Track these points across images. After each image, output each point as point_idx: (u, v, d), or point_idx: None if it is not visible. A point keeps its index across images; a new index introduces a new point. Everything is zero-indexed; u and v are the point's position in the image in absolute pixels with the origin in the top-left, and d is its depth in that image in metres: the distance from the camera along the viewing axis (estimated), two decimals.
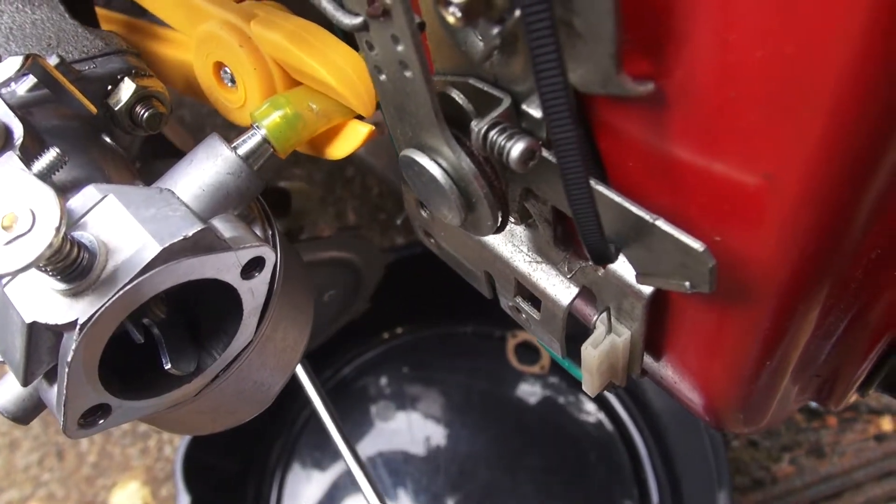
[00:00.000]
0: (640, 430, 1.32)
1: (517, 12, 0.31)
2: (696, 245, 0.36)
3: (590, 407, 1.35)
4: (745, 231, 0.36)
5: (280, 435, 1.36)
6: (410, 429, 1.36)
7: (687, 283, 0.38)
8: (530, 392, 1.39)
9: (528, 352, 1.41)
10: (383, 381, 1.41)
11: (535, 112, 0.39)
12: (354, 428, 1.36)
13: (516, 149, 0.38)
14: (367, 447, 1.33)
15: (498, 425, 1.35)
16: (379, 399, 1.39)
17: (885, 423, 1.37)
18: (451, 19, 0.32)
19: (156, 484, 1.43)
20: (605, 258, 0.39)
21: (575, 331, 0.55)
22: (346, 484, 1.31)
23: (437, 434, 1.34)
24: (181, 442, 1.15)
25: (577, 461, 1.31)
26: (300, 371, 0.85)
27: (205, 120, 1.68)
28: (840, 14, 0.26)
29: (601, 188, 0.38)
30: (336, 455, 1.33)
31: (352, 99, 0.51)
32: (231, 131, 0.52)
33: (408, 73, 0.38)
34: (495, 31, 0.34)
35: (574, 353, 0.58)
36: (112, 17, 0.65)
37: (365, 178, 1.68)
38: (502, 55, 0.39)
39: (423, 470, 1.31)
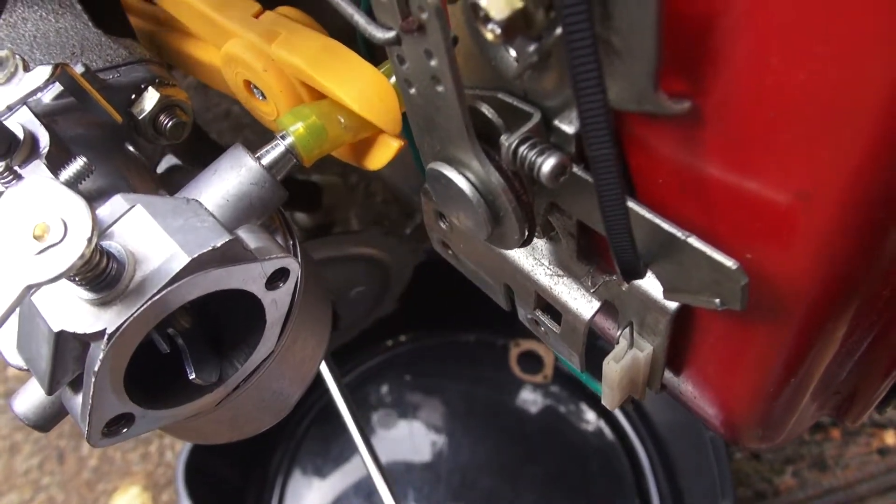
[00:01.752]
0: (643, 440, 1.32)
1: (558, 30, 0.32)
2: (729, 262, 0.36)
3: (592, 417, 1.35)
4: (776, 249, 0.36)
5: (281, 442, 1.35)
6: (412, 437, 1.35)
7: (717, 300, 0.38)
8: (532, 401, 1.39)
9: (531, 361, 1.40)
10: (385, 388, 1.41)
11: (568, 128, 0.39)
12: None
13: (548, 164, 0.38)
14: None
15: (500, 434, 1.35)
16: (381, 407, 1.39)
17: (889, 437, 1.37)
18: (489, 36, 0.32)
19: (156, 489, 1.42)
20: (634, 274, 0.39)
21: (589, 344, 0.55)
22: (347, 492, 1.30)
23: (438, 443, 1.34)
24: (183, 448, 1.14)
25: (579, 471, 1.30)
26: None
27: (209, 127, 1.68)
28: (885, 39, 0.26)
29: (632, 205, 0.38)
30: (337, 462, 1.33)
31: (377, 122, 0.51)
32: (238, 134, 0.52)
33: (439, 88, 0.38)
34: (532, 48, 0.34)
35: (591, 367, 0.58)
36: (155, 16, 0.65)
37: (369, 185, 1.68)
38: (534, 71, 0.39)
39: (424, 478, 1.31)
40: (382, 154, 0.54)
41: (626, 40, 0.31)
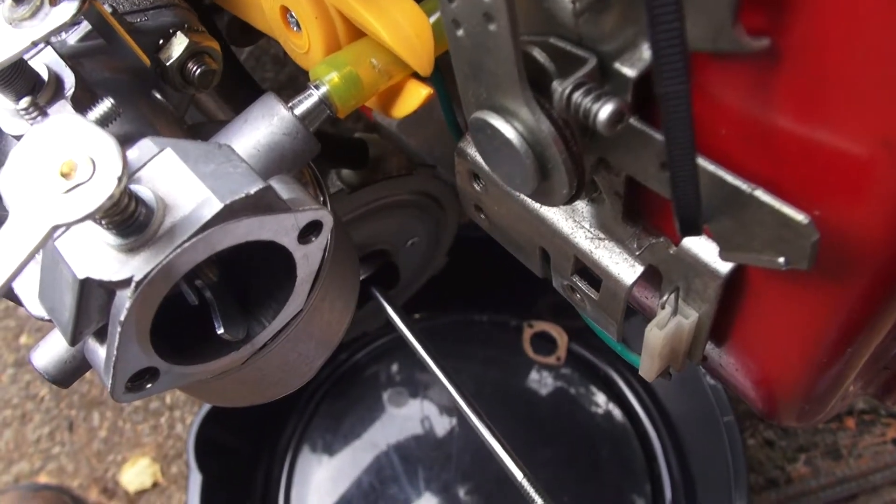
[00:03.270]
0: (655, 425, 1.30)
1: None
2: (800, 217, 0.33)
3: (604, 400, 1.34)
4: (849, 204, 0.34)
5: (292, 416, 1.34)
6: (423, 416, 1.34)
7: (781, 260, 0.36)
8: (544, 383, 1.37)
9: (544, 342, 1.39)
10: (396, 367, 1.39)
11: (629, 70, 0.37)
12: (367, 413, 1.34)
13: (605, 110, 0.36)
14: (379, 433, 1.32)
15: (511, 416, 1.33)
16: (391, 385, 1.37)
17: None
18: None
19: (166, 461, 1.41)
20: (694, 228, 0.37)
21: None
22: (356, 469, 1.29)
23: (449, 423, 1.32)
24: (194, 420, 1.13)
25: (590, 456, 1.29)
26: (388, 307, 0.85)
27: None
28: None
29: None
30: (347, 439, 1.32)
31: (409, 59, 0.48)
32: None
33: (492, 27, 0.36)
34: None
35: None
36: None
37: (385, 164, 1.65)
38: (591, 13, 0.37)
39: (434, 458, 1.30)
40: (410, 100, 0.51)
41: None
